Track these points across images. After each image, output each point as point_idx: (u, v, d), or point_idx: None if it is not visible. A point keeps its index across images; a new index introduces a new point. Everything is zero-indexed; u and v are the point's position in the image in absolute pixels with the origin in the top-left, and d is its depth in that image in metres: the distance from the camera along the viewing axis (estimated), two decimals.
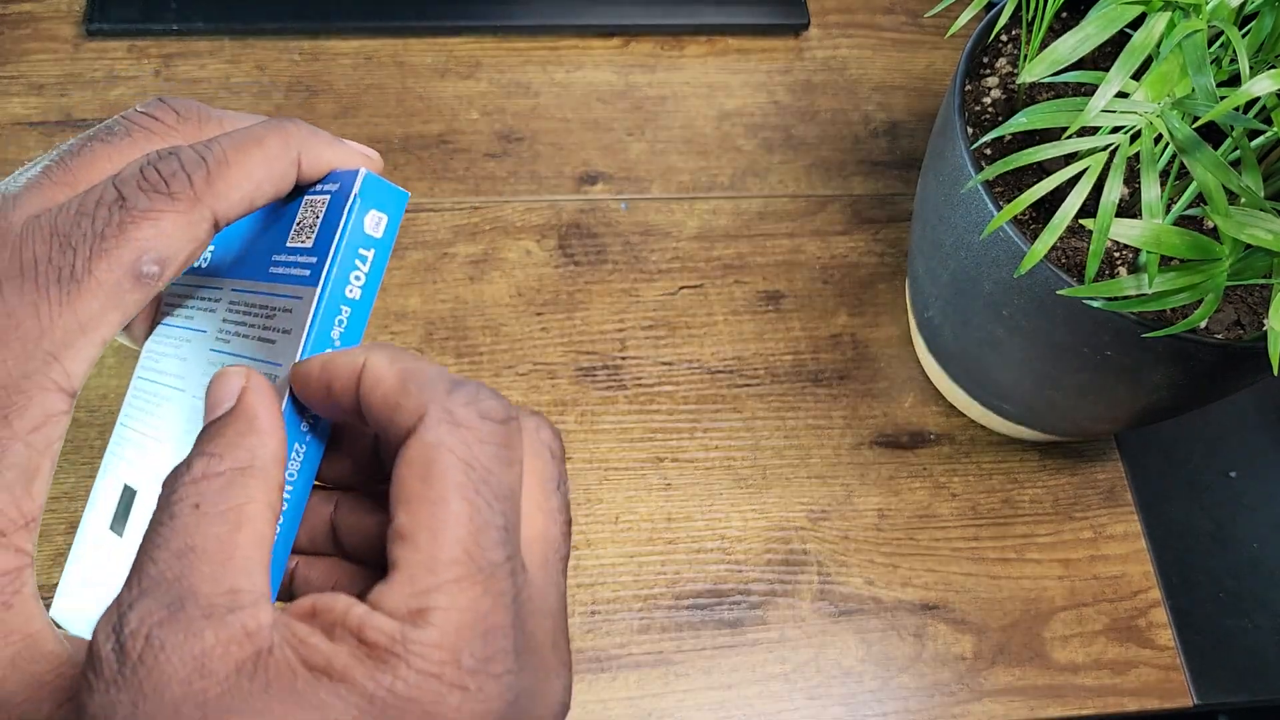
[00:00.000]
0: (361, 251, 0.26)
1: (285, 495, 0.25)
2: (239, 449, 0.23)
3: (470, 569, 0.21)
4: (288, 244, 0.27)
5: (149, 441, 0.29)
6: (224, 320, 0.28)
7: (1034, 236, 0.38)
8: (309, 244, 0.26)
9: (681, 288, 0.55)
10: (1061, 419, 0.48)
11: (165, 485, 0.23)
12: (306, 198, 0.27)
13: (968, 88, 0.45)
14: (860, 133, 0.61)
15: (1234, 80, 0.35)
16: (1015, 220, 0.41)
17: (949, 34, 0.45)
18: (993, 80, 0.45)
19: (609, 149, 0.59)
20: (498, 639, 0.21)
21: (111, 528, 0.28)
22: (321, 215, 0.26)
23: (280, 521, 0.24)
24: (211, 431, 0.23)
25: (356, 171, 0.26)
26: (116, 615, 0.21)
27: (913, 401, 0.53)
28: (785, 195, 0.59)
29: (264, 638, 0.21)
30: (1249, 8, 0.36)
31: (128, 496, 0.28)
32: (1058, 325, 0.40)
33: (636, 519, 0.49)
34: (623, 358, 0.53)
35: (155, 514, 0.23)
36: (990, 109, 0.44)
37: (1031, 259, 0.34)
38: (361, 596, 0.22)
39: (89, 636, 0.22)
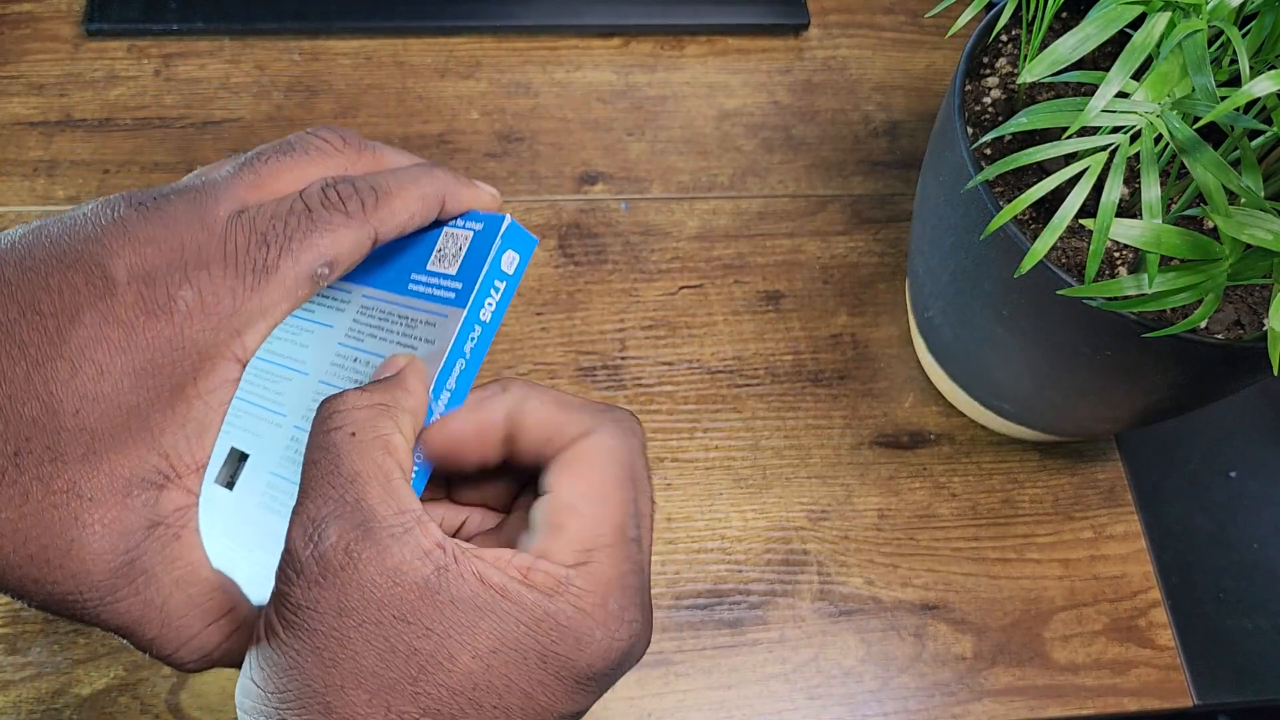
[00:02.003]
0: (496, 283, 0.31)
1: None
2: (385, 393, 0.28)
3: (621, 540, 0.28)
4: (428, 267, 0.32)
5: (265, 414, 0.33)
6: (354, 321, 0.33)
7: (1034, 236, 0.38)
8: (452, 271, 0.31)
9: (681, 288, 0.55)
10: (1061, 419, 0.48)
11: (319, 414, 0.28)
12: (447, 229, 0.32)
13: (968, 88, 0.45)
14: (860, 133, 0.61)
15: (1234, 80, 0.35)
16: (1015, 220, 0.41)
17: (949, 34, 0.45)
18: (993, 80, 0.45)
19: (609, 149, 0.59)
20: (632, 595, 0.28)
21: (219, 482, 0.32)
22: (465, 248, 0.31)
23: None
24: (367, 384, 0.29)
25: (502, 217, 0.31)
26: (311, 527, 0.26)
27: (913, 401, 0.53)
28: (785, 195, 0.59)
29: (441, 555, 0.26)
30: (1249, 8, 0.36)
31: (238, 458, 0.33)
32: (1058, 325, 0.40)
33: None
34: (623, 358, 0.53)
35: (314, 439, 0.27)
36: (990, 109, 0.44)
37: (1031, 259, 0.34)
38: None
39: None
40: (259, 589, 0.30)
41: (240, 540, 0.31)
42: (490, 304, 0.31)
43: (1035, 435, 0.51)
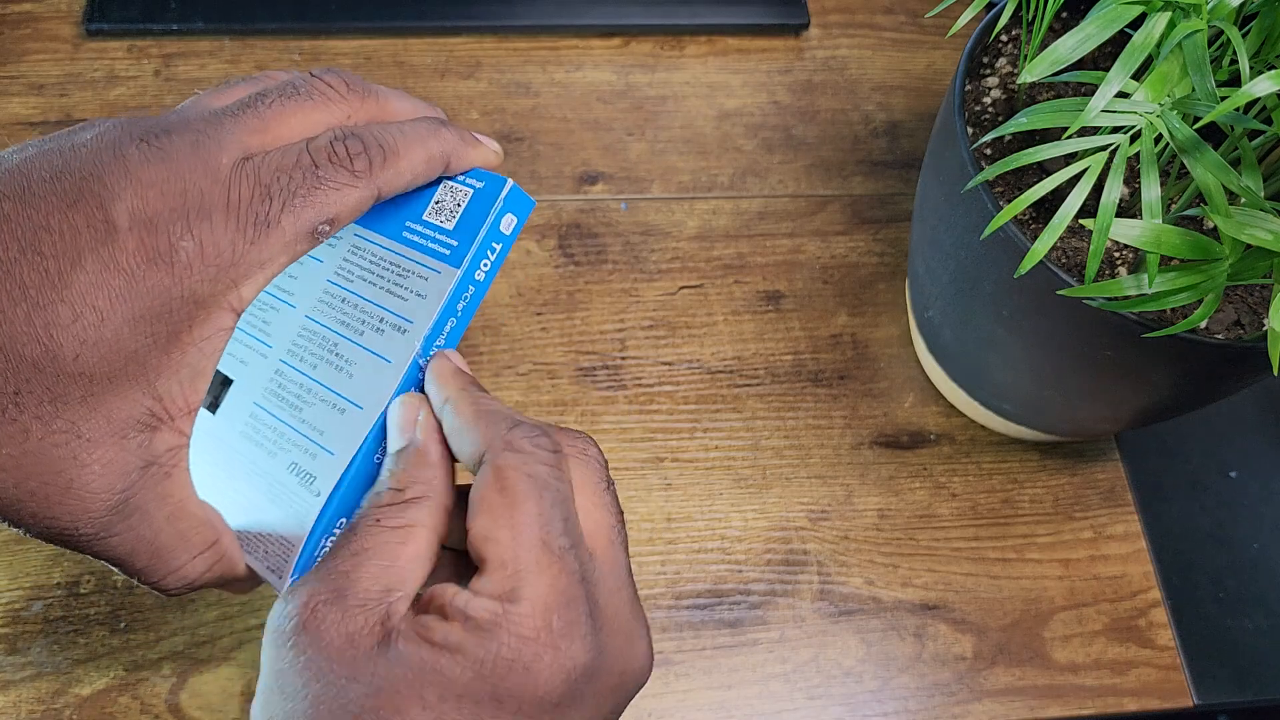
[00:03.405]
0: (494, 245, 0.31)
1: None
2: (418, 482, 0.29)
3: (546, 555, 0.27)
4: (424, 217, 0.32)
5: (252, 342, 0.33)
6: (345, 260, 0.33)
7: (1034, 236, 0.38)
8: (449, 226, 0.32)
9: (681, 288, 0.55)
10: (1061, 419, 0.48)
11: (361, 506, 0.29)
12: (447, 183, 0.32)
13: (968, 88, 0.45)
14: (860, 133, 0.61)
15: (1234, 80, 0.35)
16: (1015, 220, 0.41)
17: (949, 34, 0.45)
18: (993, 80, 0.45)
19: (609, 149, 0.59)
20: (576, 607, 0.27)
21: (202, 405, 0.32)
22: (464, 205, 0.32)
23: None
24: (398, 460, 0.30)
25: (503, 180, 0.31)
26: (294, 592, 0.27)
27: (913, 401, 0.53)
28: (785, 195, 0.59)
29: (394, 625, 0.27)
30: (1249, 8, 0.36)
31: (222, 383, 0.33)
32: (1058, 325, 0.40)
33: (636, 519, 0.49)
34: (623, 358, 0.53)
35: (348, 525, 0.29)
36: (990, 109, 0.44)
37: (1032, 259, 0.34)
38: (465, 584, 0.28)
39: None
40: (236, 515, 0.31)
41: (220, 466, 0.32)
42: (485, 264, 0.31)
43: (1035, 435, 0.51)
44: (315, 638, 0.26)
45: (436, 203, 0.32)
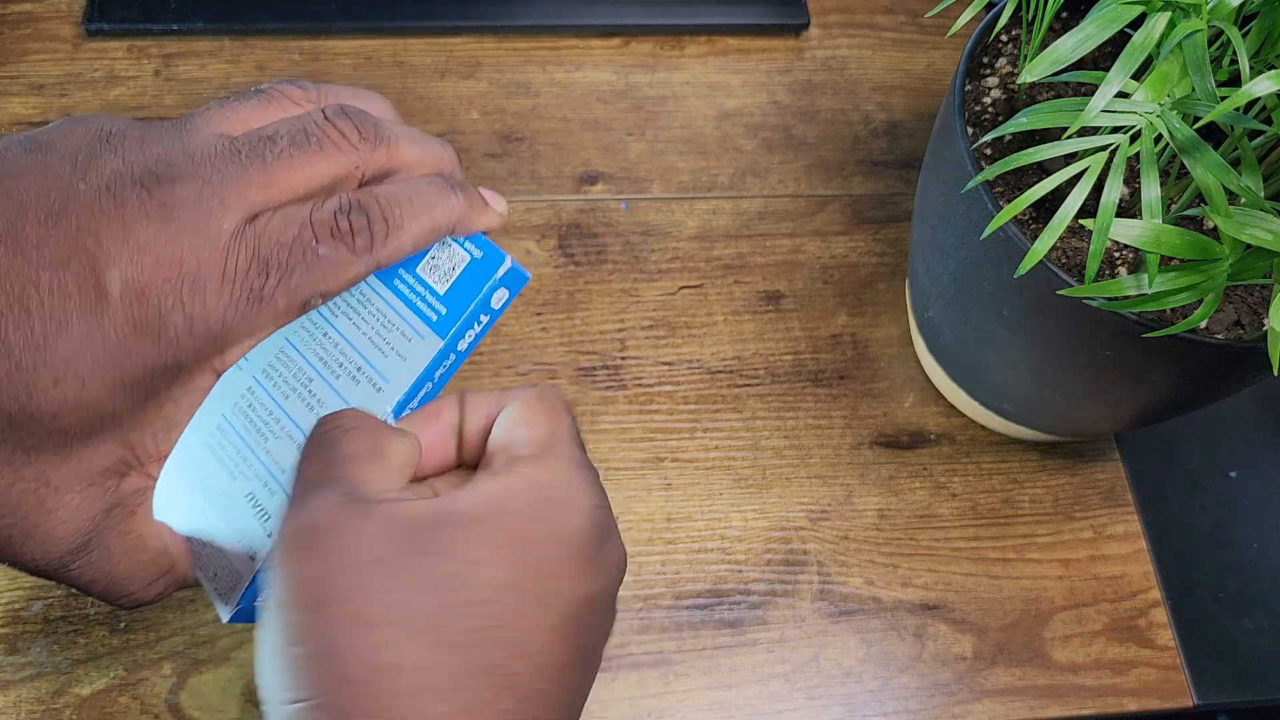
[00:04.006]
0: (481, 317, 0.31)
1: None
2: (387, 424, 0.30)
3: (573, 440, 0.30)
4: (417, 270, 0.31)
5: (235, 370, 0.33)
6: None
7: (1034, 236, 0.38)
8: (440, 290, 0.31)
9: (681, 288, 0.55)
10: (1061, 419, 0.48)
11: (319, 421, 0.29)
12: (447, 241, 0.32)
13: (968, 88, 0.45)
14: (860, 133, 0.61)
15: (1234, 80, 0.35)
16: (1015, 220, 0.41)
17: (949, 34, 0.45)
18: (993, 80, 0.45)
19: (609, 149, 0.59)
20: (596, 478, 0.30)
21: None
22: (458, 271, 0.31)
23: None
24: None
25: (503, 257, 0.31)
26: (308, 503, 0.26)
27: (913, 401, 0.53)
28: (785, 195, 0.59)
29: (435, 506, 0.27)
30: (1249, 8, 0.36)
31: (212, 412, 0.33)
32: (1058, 325, 0.40)
33: (636, 519, 0.49)
34: (623, 358, 0.53)
35: (311, 437, 0.29)
36: (990, 109, 0.44)
37: (1031, 259, 0.34)
38: None
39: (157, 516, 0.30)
40: (190, 523, 0.31)
41: (181, 471, 0.31)
42: (470, 335, 0.31)
43: (1035, 435, 0.51)
44: (355, 535, 0.25)
45: (432, 259, 0.32)
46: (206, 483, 0.31)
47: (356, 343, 0.31)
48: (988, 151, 0.43)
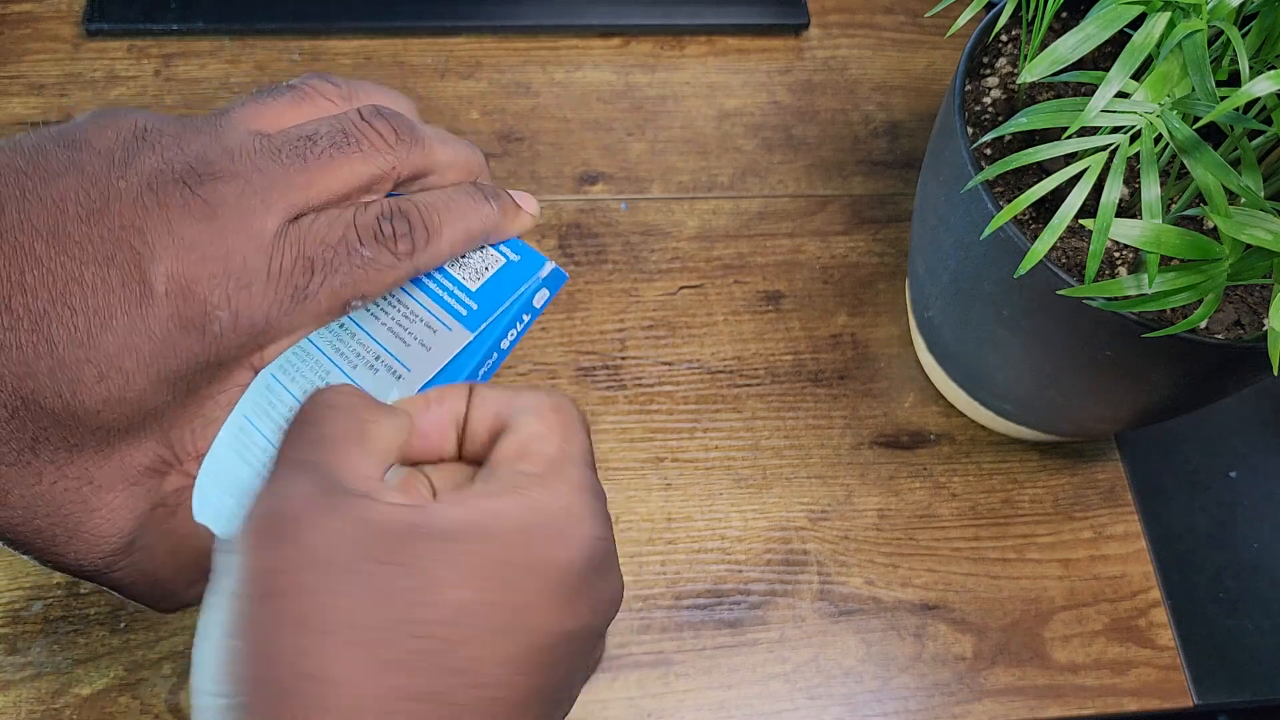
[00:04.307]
0: (524, 316, 0.32)
1: None
2: (378, 401, 0.29)
3: (582, 458, 0.28)
4: (449, 270, 0.32)
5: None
6: None
7: (1034, 236, 0.38)
8: (473, 288, 0.31)
9: (681, 288, 0.55)
10: (1061, 419, 0.48)
11: (311, 394, 0.28)
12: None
13: (968, 88, 0.45)
14: (860, 133, 0.61)
15: (1234, 80, 0.35)
16: (1015, 220, 0.41)
17: (949, 34, 0.45)
18: (993, 80, 0.45)
19: (609, 149, 0.59)
20: (601, 503, 0.28)
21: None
22: (492, 271, 0.31)
23: None
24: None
25: (543, 261, 0.32)
26: (277, 488, 0.25)
27: (913, 401, 0.53)
28: (785, 195, 0.59)
29: (414, 513, 0.25)
30: (1249, 8, 0.36)
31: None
32: (1058, 325, 0.40)
33: (636, 519, 0.49)
34: (623, 358, 0.53)
35: (300, 410, 0.28)
36: (990, 109, 0.44)
37: (1031, 259, 0.34)
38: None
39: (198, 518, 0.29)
40: (221, 525, 0.31)
41: (211, 478, 0.31)
42: (513, 334, 0.31)
43: (1035, 435, 0.51)
44: (322, 530, 0.24)
45: (465, 259, 0.32)
46: (235, 485, 0.31)
47: (377, 334, 0.31)
48: (988, 151, 0.43)
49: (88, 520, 0.26)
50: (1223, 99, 0.30)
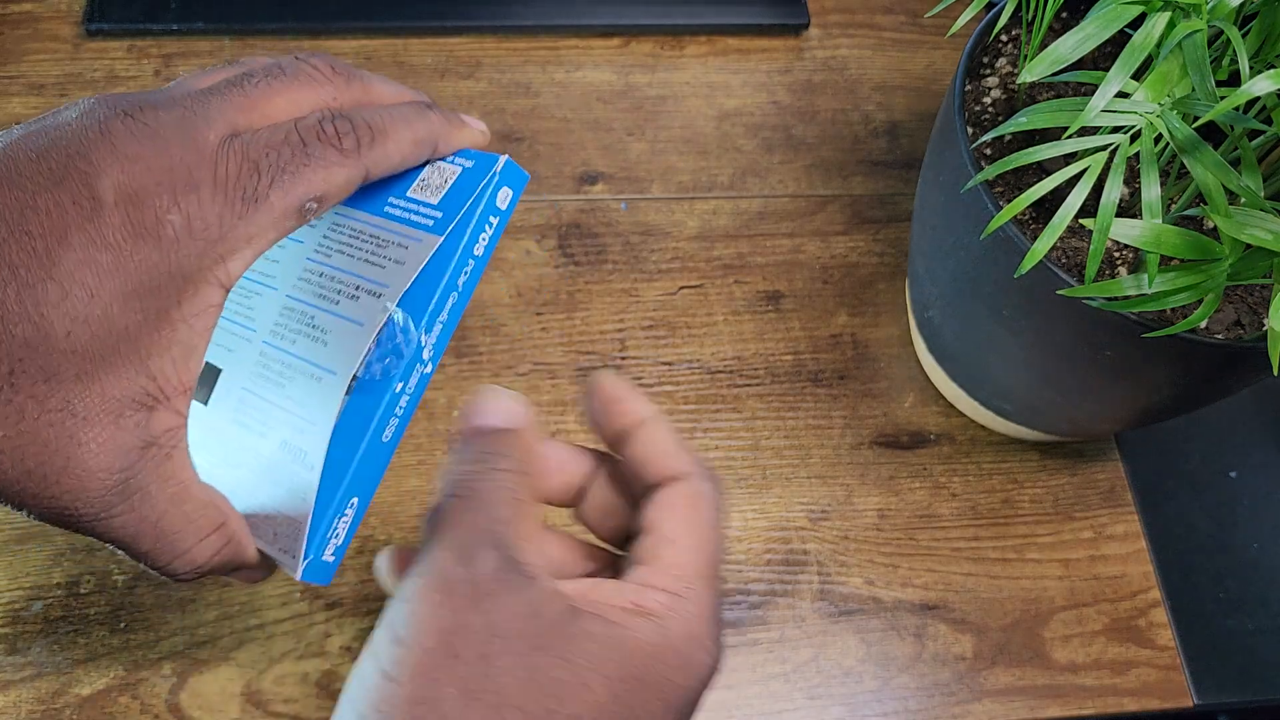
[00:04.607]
0: (491, 219, 0.32)
1: (399, 411, 0.31)
2: (521, 463, 0.30)
3: (714, 575, 0.29)
4: (408, 193, 0.32)
5: (237, 329, 0.33)
6: (325, 237, 0.33)
7: (1034, 236, 0.38)
8: (434, 201, 0.31)
9: (681, 288, 0.55)
10: (1061, 419, 0.48)
11: (461, 458, 0.29)
12: (435, 163, 0.32)
13: (968, 88, 0.45)
14: (860, 133, 0.61)
15: (1234, 80, 0.35)
16: (1015, 220, 0.41)
17: (949, 34, 0.45)
18: (993, 80, 0.45)
19: (609, 149, 0.59)
20: (720, 624, 0.29)
21: (195, 396, 0.32)
22: (451, 182, 0.32)
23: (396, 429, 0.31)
24: (493, 438, 0.30)
25: (496, 157, 0.32)
26: (466, 550, 0.27)
27: (913, 401, 0.53)
28: (785, 195, 0.59)
29: (568, 599, 0.27)
30: (1249, 8, 0.36)
31: (211, 373, 0.33)
32: (1058, 325, 0.40)
33: None
34: (623, 358, 0.53)
35: (460, 480, 0.28)
36: (990, 109, 0.44)
37: (1032, 259, 0.34)
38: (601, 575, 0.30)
39: None
40: (238, 501, 0.31)
41: (216, 455, 0.32)
42: (484, 239, 0.31)
43: (1035, 435, 0.51)
44: (506, 606, 0.26)
45: (422, 180, 0.32)
46: (243, 455, 0.31)
47: (353, 269, 0.32)
48: (988, 151, 0.43)
49: (75, 455, 0.26)
50: (1222, 99, 0.30)
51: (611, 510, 0.32)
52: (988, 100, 0.45)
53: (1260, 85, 0.29)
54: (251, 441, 0.31)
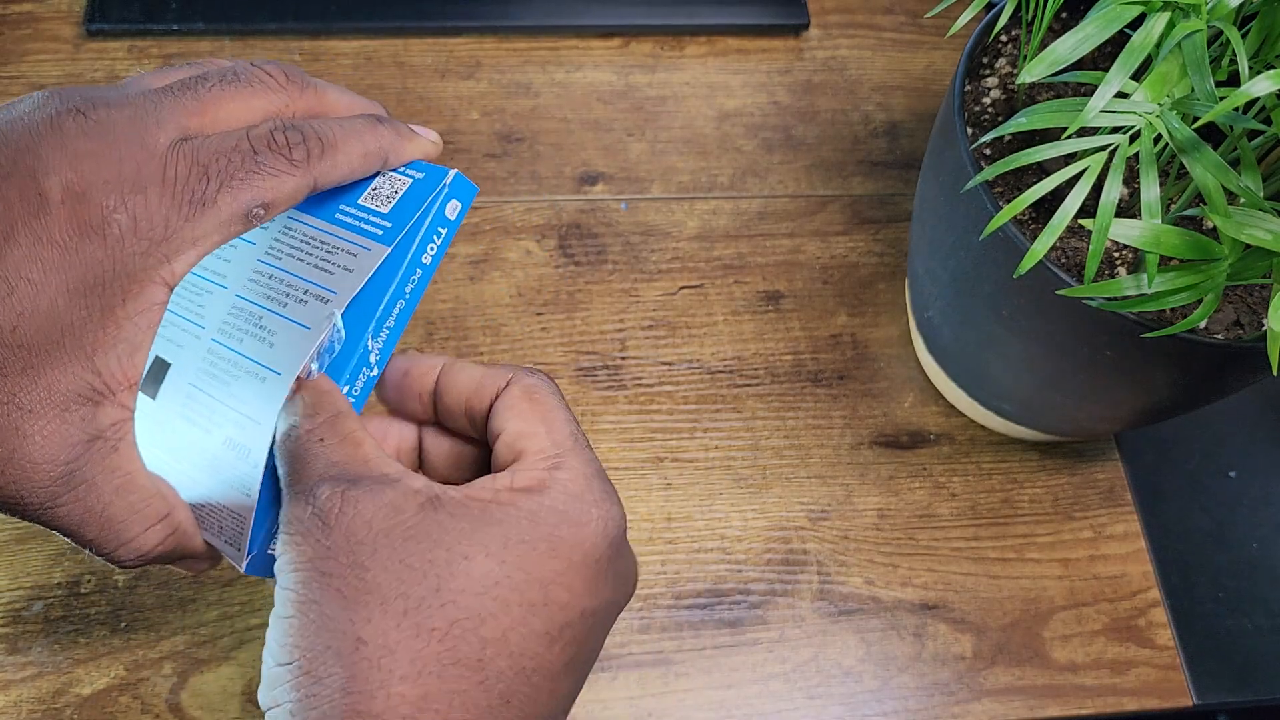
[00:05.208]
0: (440, 229, 0.32)
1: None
2: (333, 402, 0.30)
3: (580, 443, 0.30)
4: (359, 202, 0.33)
5: (187, 325, 0.34)
6: (276, 240, 0.33)
7: (1034, 236, 0.39)
8: (384, 210, 0.32)
9: (681, 288, 0.55)
10: (1061, 419, 0.48)
11: (286, 427, 0.30)
12: (387, 173, 0.33)
13: (968, 88, 0.45)
14: (860, 133, 0.61)
15: (1233, 80, 0.35)
16: (1015, 220, 0.41)
17: (949, 34, 0.45)
18: (993, 80, 0.45)
19: (609, 149, 0.59)
20: (607, 484, 0.30)
21: (143, 391, 0.33)
22: (401, 193, 0.32)
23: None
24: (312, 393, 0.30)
25: (446, 170, 0.32)
26: (306, 493, 0.28)
27: (912, 401, 0.53)
28: (785, 195, 0.59)
29: (433, 489, 0.28)
30: (1249, 8, 0.36)
31: (161, 367, 0.33)
32: (1058, 325, 0.40)
33: (636, 519, 0.49)
34: (623, 358, 0.53)
35: (288, 446, 0.29)
36: (990, 109, 0.44)
37: (1031, 259, 0.34)
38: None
39: None
40: (186, 493, 0.32)
41: (164, 448, 0.32)
42: (432, 249, 0.32)
43: (1035, 435, 0.51)
44: (355, 518, 0.27)
45: (373, 190, 0.33)
46: (189, 449, 0.32)
47: (302, 273, 0.32)
48: (987, 152, 0.43)
49: (21, 447, 0.27)
50: (1222, 99, 0.30)
51: (457, 458, 0.33)
52: (987, 100, 0.45)
53: (1259, 85, 0.30)
54: (197, 436, 0.32)
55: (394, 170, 0.33)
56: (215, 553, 0.33)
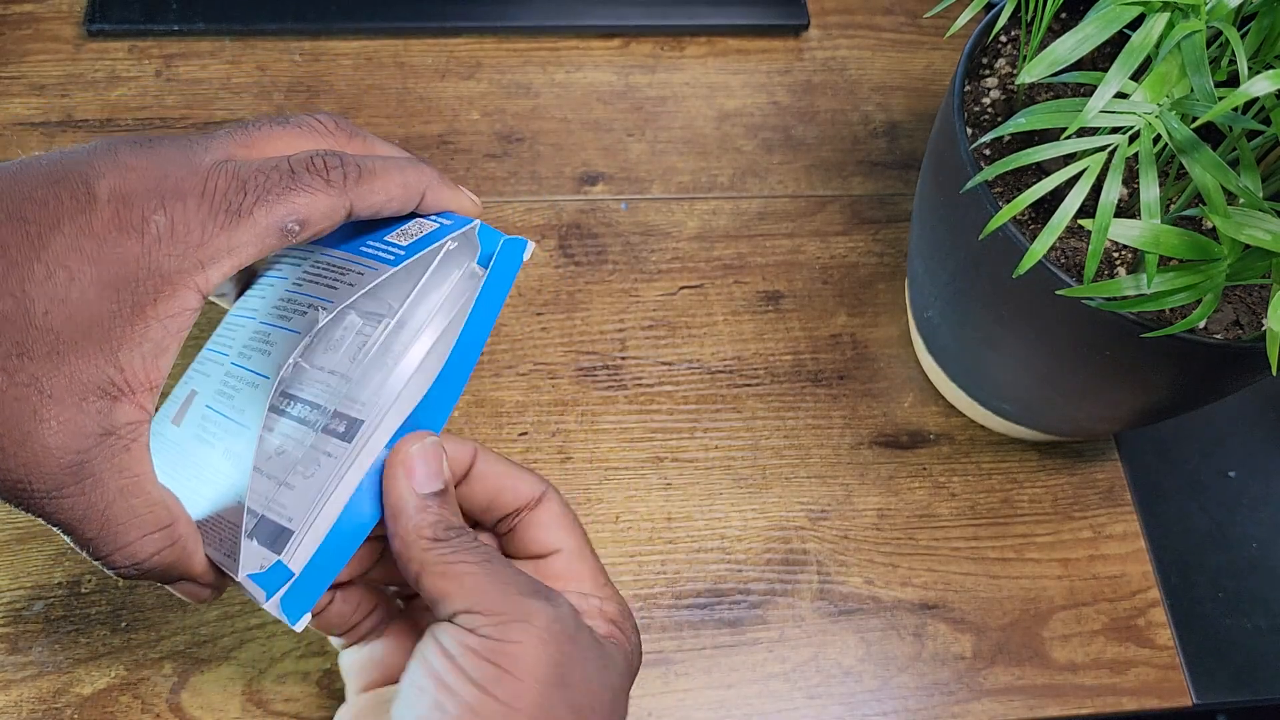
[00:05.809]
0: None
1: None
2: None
3: (608, 578, 0.36)
4: (386, 238, 0.34)
5: (219, 357, 0.35)
6: (304, 272, 0.34)
7: (1033, 236, 0.39)
8: (404, 244, 0.33)
9: (681, 288, 0.55)
10: (1061, 419, 0.48)
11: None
12: (420, 218, 0.34)
13: (967, 88, 0.45)
14: (860, 133, 0.61)
15: (1233, 80, 0.35)
16: (1015, 220, 0.41)
17: (949, 34, 0.45)
18: (992, 80, 0.45)
19: (609, 149, 0.59)
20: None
21: (174, 421, 0.34)
22: (426, 233, 0.33)
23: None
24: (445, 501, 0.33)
25: (470, 220, 0.33)
26: (553, 606, 0.31)
27: (912, 401, 0.53)
28: (785, 195, 0.59)
29: (570, 620, 0.32)
30: (1248, 8, 0.36)
31: (191, 397, 0.34)
32: (1057, 325, 0.40)
33: (636, 519, 0.49)
34: (623, 358, 0.53)
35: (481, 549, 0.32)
36: (990, 109, 0.44)
37: (1031, 259, 0.34)
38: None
39: None
40: (193, 510, 0.32)
41: (184, 471, 0.33)
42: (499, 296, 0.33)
43: (1035, 435, 0.51)
44: (578, 638, 0.31)
45: (403, 229, 0.34)
46: (199, 466, 0.32)
47: (312, 292, 0.33)
48: (987, 152, 0.43)
49: (36, 430, 0.27)
50: (1221, 99, 0.30)
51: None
52: (987, 101, 0.45)
53: (1259, 86, 0.30)
54: (204, 453, 0.33)
55: (428, 218, 0.34)
56: (218, 582, 0.33)
